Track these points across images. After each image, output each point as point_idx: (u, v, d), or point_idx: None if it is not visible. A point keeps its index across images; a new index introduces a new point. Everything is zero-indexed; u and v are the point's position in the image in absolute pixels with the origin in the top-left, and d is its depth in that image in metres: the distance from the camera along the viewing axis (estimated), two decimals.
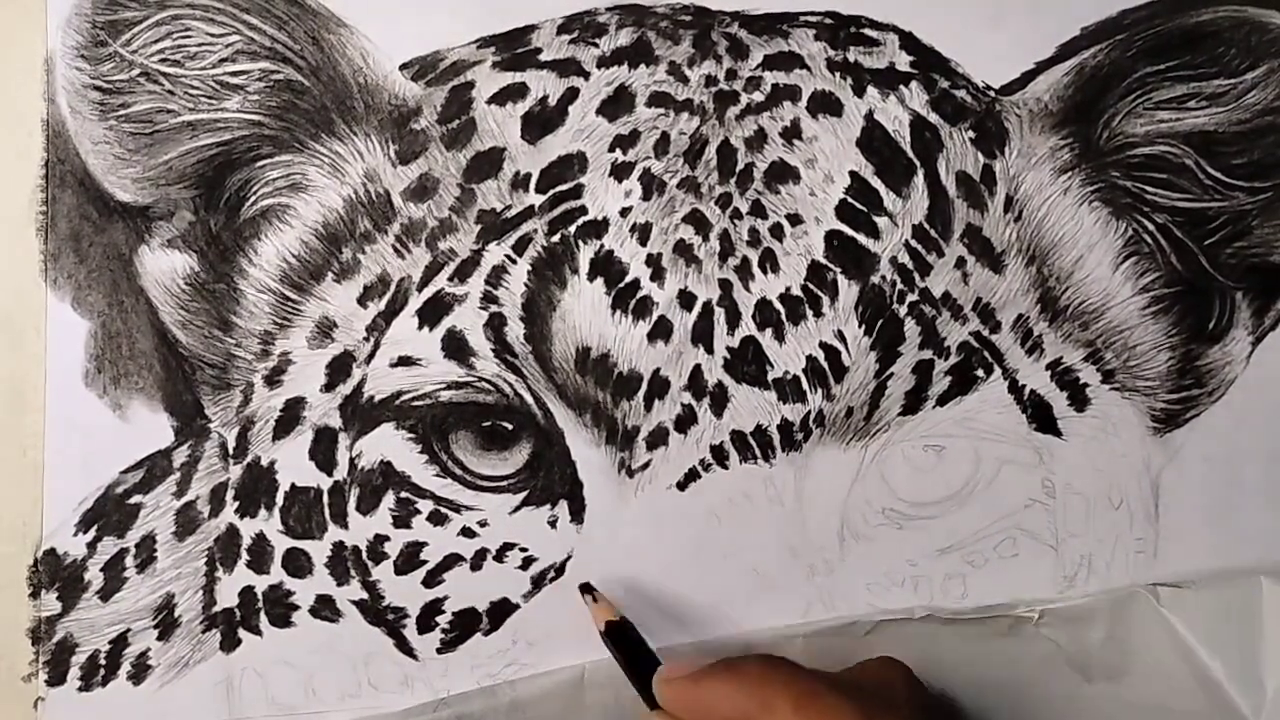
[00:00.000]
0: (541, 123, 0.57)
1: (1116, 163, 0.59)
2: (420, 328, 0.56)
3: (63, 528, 0.57)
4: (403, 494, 0.56)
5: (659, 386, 0.56)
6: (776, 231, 0.57)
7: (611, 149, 0.57)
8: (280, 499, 0.57)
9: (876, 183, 0.57)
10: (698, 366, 0.56)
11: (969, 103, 0.59)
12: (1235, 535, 0.60)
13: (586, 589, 0.56)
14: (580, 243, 0.56)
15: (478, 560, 0.57)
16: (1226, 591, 0.59)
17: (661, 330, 0.56)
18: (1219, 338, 0.60)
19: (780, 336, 0.56)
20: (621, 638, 0.54)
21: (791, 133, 0.57)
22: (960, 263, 0.58)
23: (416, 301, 0.56)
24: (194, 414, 0.57)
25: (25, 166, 0.57)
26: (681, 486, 0.56)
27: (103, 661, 0.57)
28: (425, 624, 0.57)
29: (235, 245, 0.57)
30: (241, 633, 0.57)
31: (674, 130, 0.57)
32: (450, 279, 0.56)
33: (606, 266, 0.56)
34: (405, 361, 0.56)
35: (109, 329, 0.57)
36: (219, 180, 0.57)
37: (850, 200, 0.57)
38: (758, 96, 0.57)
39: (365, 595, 0.57)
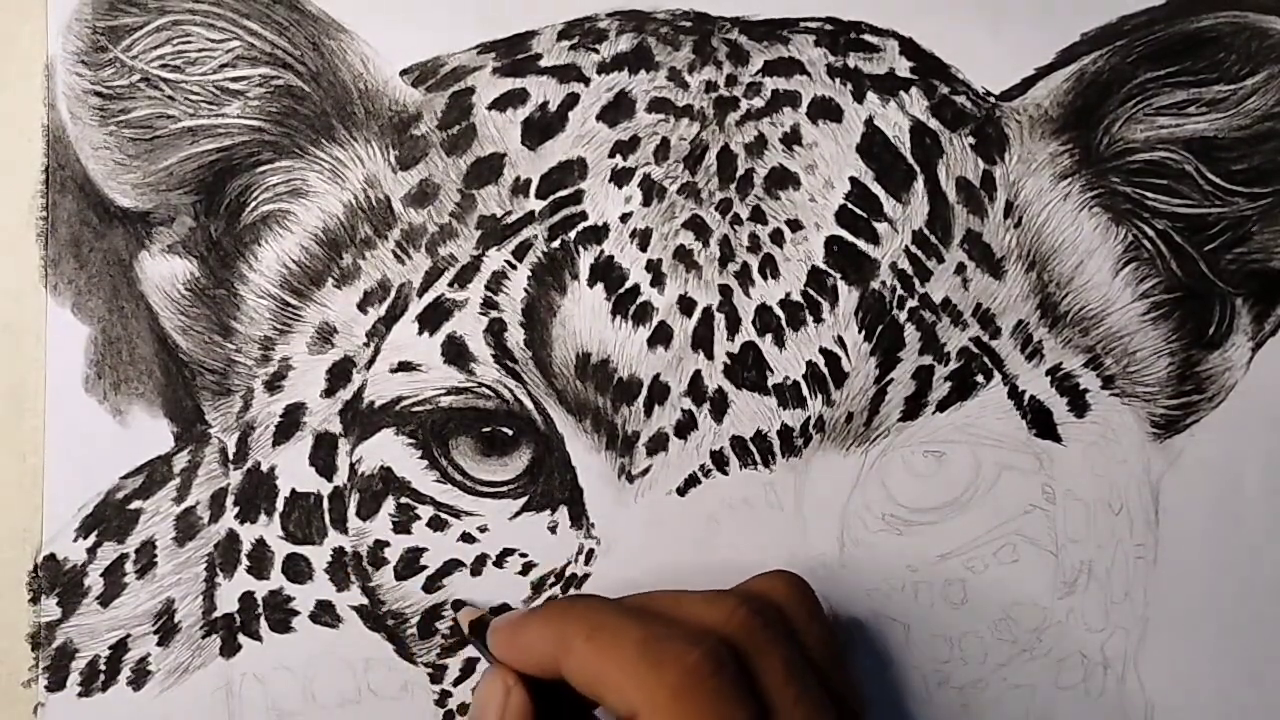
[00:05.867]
0: (542, 128, 0.57)
1: (1116, 168, 0.59)
2: (420, 333, 0.56)
3: (63, 533, 0.57)
4: (403, 499, 0.56)
5: (659, 392, 0.56)
6: (776, 237, 0.56)
7: (612, 154, 0.57)
8: (280, 504, 0.57)
9: (876, 188, 0.57)
10: (698, 372, 0.56)
11: (969, 109, 0.59)
12: (1235, 541, 0.60)
13: (459, 605, 0.56)
14: (580, 248, 0.56)
15: (478, 566, 0.57)
16: None
17: (661, 336, 0.56)
18: (1219, 343, 0.60)
19: (780, 342, 0.56)
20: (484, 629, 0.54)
21: (791, 138, 0.57)
22: (960, 268, 0.58)
23: (417, 307, 0.56)
24: (194, 419, 0.57)
25: (25, 172, 0.57)
26: (681, 492, 0.56)
27: (102, 667, 0.57)
28: (425, 629, 0.57)
29: (235, 251, 0.57)
30: (241, 638, 0.57)
31: (674, 136, 0.57)
32: (450, 284, 0.56)
33: (606, 272, 0.56)
34: (405, 367, 0.56)
35: (109, 334, 0.57)
36: (219, 186, 0.57)
37: (850, 206, 0.57)
38: (758, 102, 0.57)
39: (365, 601, 0.57)
